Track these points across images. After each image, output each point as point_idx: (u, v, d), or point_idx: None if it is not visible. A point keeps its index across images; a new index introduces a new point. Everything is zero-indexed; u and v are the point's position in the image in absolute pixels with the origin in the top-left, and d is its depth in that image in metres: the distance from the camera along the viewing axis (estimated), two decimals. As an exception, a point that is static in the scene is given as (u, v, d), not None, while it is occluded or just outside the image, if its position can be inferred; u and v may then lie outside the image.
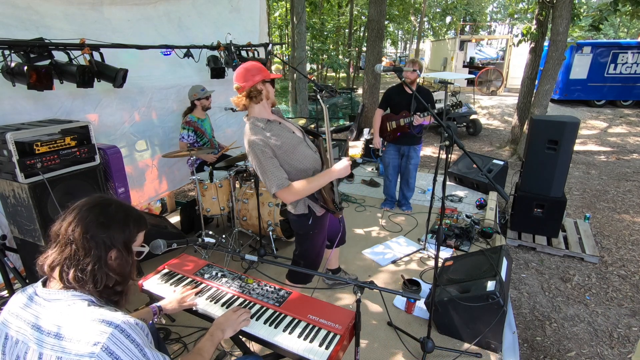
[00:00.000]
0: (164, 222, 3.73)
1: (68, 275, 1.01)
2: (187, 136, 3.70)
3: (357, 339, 1.52)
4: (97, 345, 0.93)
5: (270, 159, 1.95)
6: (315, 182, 2.03)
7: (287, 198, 2.02)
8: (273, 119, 2.10)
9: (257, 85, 2.01)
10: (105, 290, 1.07)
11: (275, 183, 1.94)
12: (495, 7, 32.30)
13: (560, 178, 3.94)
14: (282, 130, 2.07)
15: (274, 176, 1.94)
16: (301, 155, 2.09)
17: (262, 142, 1.95)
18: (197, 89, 3.77)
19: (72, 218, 1.05)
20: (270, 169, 1.94)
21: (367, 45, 8.84)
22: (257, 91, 2.01)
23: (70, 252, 1.02)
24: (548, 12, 6.81)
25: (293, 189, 1.98)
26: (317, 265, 2.43)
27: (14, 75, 2.36)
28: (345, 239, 2.83)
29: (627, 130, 10.12)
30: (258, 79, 2.00)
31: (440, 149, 3.39)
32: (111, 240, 1.06)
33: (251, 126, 2.01)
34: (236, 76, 2.02)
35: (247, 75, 1.99)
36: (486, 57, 21.95)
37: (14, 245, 2.57)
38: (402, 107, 3.97)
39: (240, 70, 2.02)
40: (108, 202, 1.12)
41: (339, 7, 19.09)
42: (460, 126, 9.63)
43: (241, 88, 2.00)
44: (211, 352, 1.35)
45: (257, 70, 2.02)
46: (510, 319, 2.80)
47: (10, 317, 1.05)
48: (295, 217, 2.22)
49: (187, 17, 4.01)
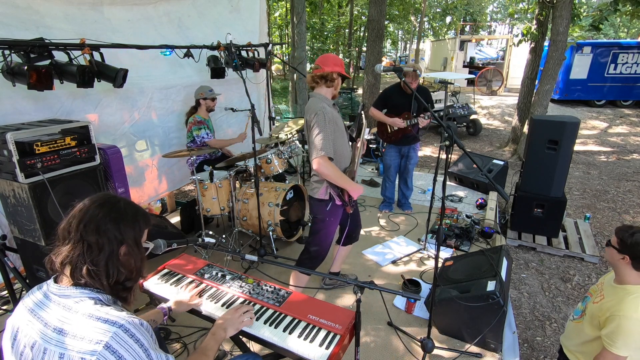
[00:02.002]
0: (164, 222, 3.73)
1: (81, 271, 1.03)
2: (206, 135, 3.75)
3: (357, 339, 1.52)
4: (99, 343, 0.94)
5: (330, 128, 2.23)
6: (341, 177, 2.30)
7: (321, 166, 2.20)
8: (334, 104, 2.46)
9: (334, 74, 2.37)
10: (115, 285, 1.08)
11: (325, 147, 2.18)
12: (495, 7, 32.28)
13: (560, 178, 3.94)
14: (339, 117, 2.41)
15: (328, 142, 2.20)
16: (344, 144, 2.41)
17: (330, 114, 2.26)
18: (205, 88, 3.78)
19: (82, 215, 1.06)
20: (327, 136, 2.20)
21: (367, 45, 8.83)
22: (332, 79, 2.37)
23: (82, 248, 1.03)
24: (548, 12, 6.81)
25: (330, 164, 2.22)
26: (324, 254, 2.60)
27: (14, 75, 2.36)
28: (359, 236, 2.90)
29: (628, 130, 10.12)
30: (337, 69, 2.37)
31: (440, 149, 3.39)
32: (123, 235, 1.08)
33: (322, 100, 2.35)
34: (321, 60, 2.39)
35: (331, 62, 2.36)
36: (486, 57, 21.94)
37: (14, 245, 2.57)
38: (402, 109, 3.93)
39: (328, 57, 2.40)
40: (116, 199, 1.14)
41: (339, 7, 19.09)
42: (460, 126, 9.63)
43: (321, 69, 2.35)
44: (215, 350, 1.36)
45: (340, 63, 2.41)
46: (510, 319, 2.80)
47: (23, 311, 1.07)
48: (315, 201, 2.46)
49: (187, 17, 4.02)
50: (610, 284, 1.78)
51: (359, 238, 2.90)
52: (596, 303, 1.78)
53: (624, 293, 1.66)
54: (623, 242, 1.67)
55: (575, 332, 1.90)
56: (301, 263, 2.62)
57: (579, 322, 1.89)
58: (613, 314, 1.63)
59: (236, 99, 4.79)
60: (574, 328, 1.92)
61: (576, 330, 1.89)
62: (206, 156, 3.92)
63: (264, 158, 3.72)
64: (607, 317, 1.65)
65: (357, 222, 2.81)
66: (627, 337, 1.58)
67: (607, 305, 1.68)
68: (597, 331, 1.72)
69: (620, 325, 1.59)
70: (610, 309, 1.65)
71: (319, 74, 2.35)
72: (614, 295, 1.70)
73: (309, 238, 2.60)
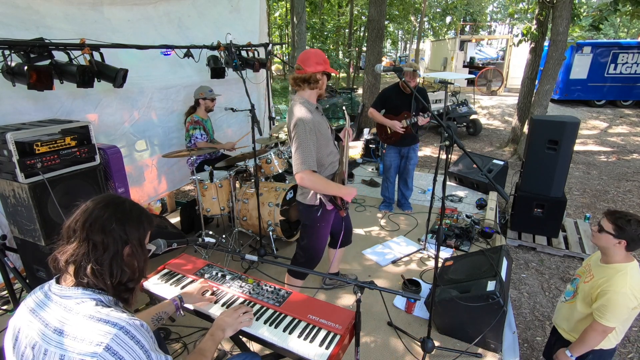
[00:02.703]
0: (164, 222, 3.73)
1: (85, 270, 1.03)
2: (200, 135, 3.75)
3: (357, 339, 1.52)
4: (100, 345, 0.94)
5: (313, 139, 2.07)
6: (328, 186, 2.17)
7: (303, 180, 2.08)
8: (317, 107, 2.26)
9: (318, 74, 2.14)
10: (118, 286, 1.09)
11: (307, 162, 2.04)
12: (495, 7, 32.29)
13: (560, 178, 3.94)
14: (323, 121, 2.23)
15: (309, 156, 2.05)
16: (329, 149, 2.26)
17: (312, 123, 2.08)
18: (205, 89, 3.78)
19: (87, 215, 1.06)
20: (309, 148, 2.05)
21: (367, 45, 8.84)
22: (315, 80, 2.15)
23: (87, 247, 1.04)
24: (548, 12, 6.81)
25: (314, 177, 2.08)
26: (317, 259, 2.49)
27: (14, 75, 2.36)
28: (351, 239, 2.87)
29: (628, 130, 10.12)
30: (321, 68, 2.14)
31: (440, 149, 3.39)
32: (127, 236, 1.08)
33: (304, 105, 2.15)
34: (302, 59, 2.15)
35: (313, 61, 2.12)
36: (486, 57, 21.94)
37: (14, 245, 2.57)
38: (401, 109, 3.94)
39: (308, 55, 2.15)
40: (122, 200, 1.14)
41: (339, 7, 19.10)
42: (460, 126, 9.63)
43: (303, 70, 2.12)
44: (213, 350, 1.37)
45: (322, 60, 2.15)
46: (510, 319, 2.80)
47: (24, 311, 1.07)
48: (304, 207, 2.31)
49: (187, 17, 4.01)
50: (597, 264, 1.94)
51: (351, 241, 2.88)
52: (587, 282, 1.93)
53: (613, 271, 1.81)
54: (620, 228, 1.78)
55: (569, 311, 2.03)
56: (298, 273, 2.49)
57: (571, 302, 2.03)
58: (604, 289, 1.78)
59: (236, 99, 4.79)
60: (568, 308, 2.05)
61: (570, 310, 2.03)
62: (206, 156, 3.92)
63: (264, 158, 3.73)
64: (598, 292, 1.80)
65: (349, 226, 2.76)
66: (615, 309, 1.74)
67: (598, 283, 1.83)
68: (588, 308, 1.88)
69: (610, 299, 1.74)
70: (600, 286, 1.81)
71: (300, 77, 2.13)
72: (603, 273, 1.86)
73: (301, 242, 2.48)
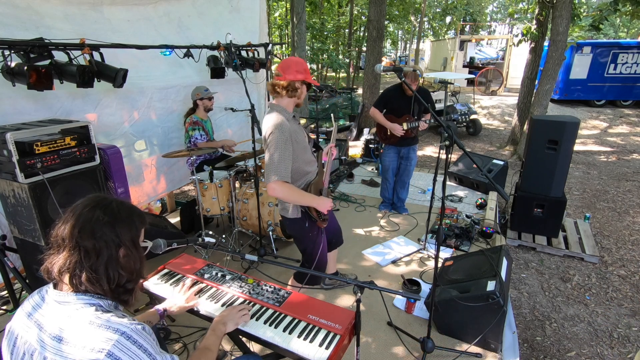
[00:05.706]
0: (164, 222, 3.73)
1: (80, 278, 0.99)
2: (200, 136, 3.75)
3: (357, 339, 1.52)
4: (102, 352, 0.91)
5: (288, 149, 2.01)
6: (302, 197, 2.11)
7: (275, 190, 2.01)
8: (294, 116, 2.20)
9: (297, 83, 2.10)
10: (117, 289, 1.05)
11: (279, 172, 1.98)
12: (495, 7, 32.31)
13: (560, 178, 3.94)
14: (300, 130, 2.18)
15: (283, 166, 1.99)
16: (307, 158, 2.19)
17: (288, 131, 2.02)
18: (200, 89, 3.78)
19: (74, 221, 1.01)
20: (283, 158, 1.99)
21: (367, 45, 8.84)
22: (294, 88, 2.10)
23: (79, 255, 1.00)
24: (548, 12, 6.81)
25: (286, 188, 2.01)
26: (325, 262, 2.45)
27: (14, 75, 2.36)
28: (342, 239, 2.85)
29: (628, 130, 10.11)
30: (300, 77, 2.10)
31: (440, 149, 3.39)
32: (120, 237, 1.04)
33: (280, 114, 2.09)
34: (282, 66, 2.11)
35: (293, 69, 2.08)
36: (486, 57, 21.95)
37: (14, 245, 2.57)
38: (403, 111, 3.92)
39: (289, 63, 2.11)
40: (108, 201, 1.09)
41: (339, 7, 19.10)
42: (460, 126, 9.63)
43: (282, 77, 2.08)
44: (217, 345, 1.37)
45: (303, 70, 2.11)
46: (510, 319, 2.80)
47: (22, 316, 1.04)
48: (290, 222, 2.26)
49: (187, 17, 4.01)
50: None
51: (343, 241, 2.84)
52: None
53: None
54: None
55: None
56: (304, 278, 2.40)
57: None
58: None
59: (236, 99, 4.79)
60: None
61: None
62: (206, 156, 3.92)
63: (263, 158, 3.72)
64: None
65: (334, 229, 2.70)
66: None
67: None
68: None
69: None
70: None
71: (279, 84, 2.09)
72: None
73: (302, 253, 2.41)
